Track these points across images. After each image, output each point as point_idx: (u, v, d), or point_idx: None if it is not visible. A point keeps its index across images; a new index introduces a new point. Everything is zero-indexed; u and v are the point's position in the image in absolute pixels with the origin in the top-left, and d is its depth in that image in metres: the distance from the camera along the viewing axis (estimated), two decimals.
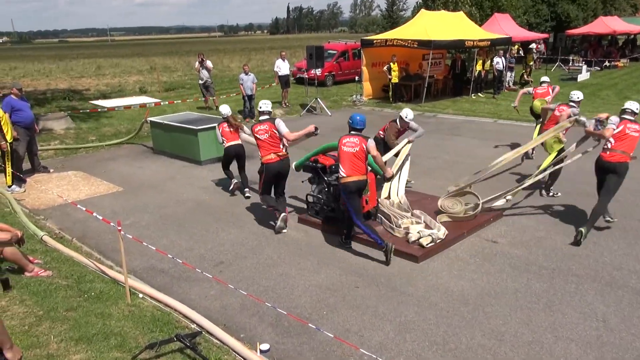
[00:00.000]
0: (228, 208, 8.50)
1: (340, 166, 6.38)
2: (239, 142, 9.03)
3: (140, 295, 5.52)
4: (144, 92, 21.84)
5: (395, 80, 18.18)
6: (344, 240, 6.86)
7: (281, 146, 7.30)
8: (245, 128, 9.13)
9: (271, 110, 7.63)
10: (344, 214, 7.09)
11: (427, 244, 6.54)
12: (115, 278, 5.90)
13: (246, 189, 9.01)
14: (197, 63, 16.69)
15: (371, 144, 6.33)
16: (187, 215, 8.22)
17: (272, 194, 7.51)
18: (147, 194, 9.30)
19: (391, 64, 17.87)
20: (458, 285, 5.81)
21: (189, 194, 9.25)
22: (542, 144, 8.29)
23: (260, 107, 7.58)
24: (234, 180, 9.11)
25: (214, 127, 11.06)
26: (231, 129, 9.00)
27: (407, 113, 8.64)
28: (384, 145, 8.75)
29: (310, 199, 7.81)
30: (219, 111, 9.42)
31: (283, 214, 7.36)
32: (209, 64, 16.65)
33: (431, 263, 6.37)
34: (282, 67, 17.42)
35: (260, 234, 7.43)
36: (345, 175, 6.32)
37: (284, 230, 7.38)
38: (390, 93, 18.52)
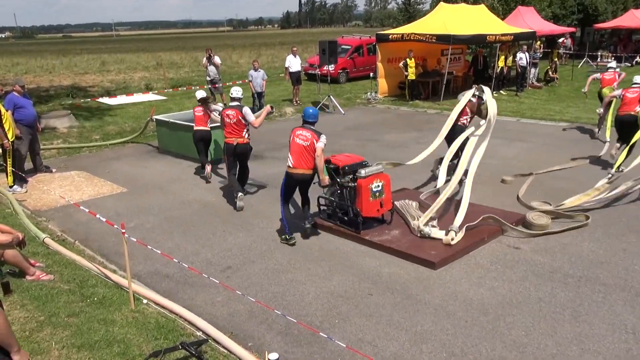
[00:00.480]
0: (236, 211, 8.53)
1: (290, 155, 7.03)
2: (207, 128, 10.18)
3: (145, 301, 5.56)
4: (150, 89, 22.02)
5: (412, 77, 18.13)
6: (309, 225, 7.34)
7: (244, 133, 8.50)
8: (215, 115, 10.16)
9: (241, 97, 8.74)
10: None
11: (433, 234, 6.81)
12: (118, 283, 5.95)
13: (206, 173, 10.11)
14: (204, 59, 16.80)
15: (320, 145, 6.91)
16: (193, 218, 8.27)
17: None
18: (152, 195, 9.38)
19: (408, 59, 17.81)
20: (478, 294, 5.77)
21: (195, 196, 9.31)
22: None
23: (232, 94, 8.69)
24: (208, 166, 10.02)
25: (218, 127, 11.13)
26: (203, 114, 10.11)
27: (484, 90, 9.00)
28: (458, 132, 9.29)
29: (322, 201, 7.82)
30: (196, 95, 10.52)
31: (240, 194, 8.35)
32: (217, 59, 16.74)
33: (449, 270, 6.34)
34: (293, 63, 17.46)
35: (270, 237, 7.45)
36: (291, 166, 7.00)
37: (241, 206, 8.38)
38: (407, 90, 18.47)
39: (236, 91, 8.71)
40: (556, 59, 23.32)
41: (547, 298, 5.66)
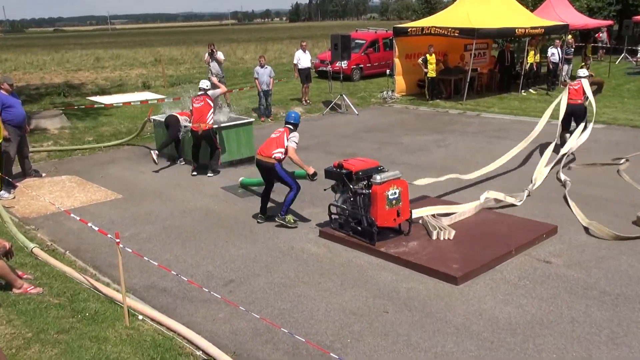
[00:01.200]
0: (240, 219, 8.56)
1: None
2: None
3: (140, 317, 5.58)
4: (148, 87, 22.19)
5: (432, 74, 18.10)
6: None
7: (208, 118, 10.52)
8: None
9: (208, 88, 10.86)
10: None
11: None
12: (112, 297, 5.98)
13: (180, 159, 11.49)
14: (206, 54, 16.89)
15: (291, 144, 7.84)
16: (193, 227, 8.31)
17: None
18: (149, 203, 9.43)
19: (427, 55, 17.79)
20: (504, 312, 5.73)
21: (196, 203, 9.35)
22: None
23: (200, 85, 10.93)
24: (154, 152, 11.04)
25: (225, 127, 11.19)
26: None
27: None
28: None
29: (334, 209, 7.82)
30: (199, 86, 11.19)
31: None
32: (220, 55, 16.83)
33: (473, 285, 6.30)
34: (303, 60, 17.50)
35: (276, 249, 7.46)
36: (257, 152, 8.24)
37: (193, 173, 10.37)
38: (427, 89, 18.44)
39: (203, 83, 10.99)
40: (590, 55, 23.17)
41: (582, 318, 5.61)
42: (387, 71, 19.91)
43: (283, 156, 7.94)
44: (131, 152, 13.06)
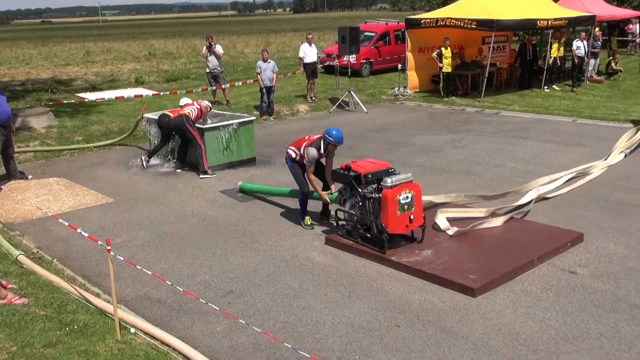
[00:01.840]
0: (240, 225, 8.58)
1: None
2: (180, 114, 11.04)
3: (132, 330, 5.59)
4: (141, 83, 22.28)
5: (447, 69, 18.10)
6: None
7: (186, 109, 11.06)
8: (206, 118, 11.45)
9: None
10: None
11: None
12: (102, 308, 5.99)
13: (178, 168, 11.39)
14: (204, 48, 16.94)
15: (308, 150, 7.84)
16: (190, 234, 8.32)
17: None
18: (142, 207, 9.46)
19: (442, 49, 17.78)
20: (525, 327, 5.71)
21: (193, 208, 9.37)
22: None
23: (181, 103, 11.66)
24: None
25: (224, 126, 11.21)
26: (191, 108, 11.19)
27: None
28: None
29: (341, 215, 7.81)
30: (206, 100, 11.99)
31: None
32: (218, 49, 16.87)
33: (491, 297, 6.28)
34: (309, 53, 17.52)
35: (279, 257, 7.47)
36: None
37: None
38: (442, 85, 18.43)
39: (184, 101, 11.71)
40: (615, 48, 23.04)
41: (610, 333, 5.58)
42: (399, 66, 19.91)
43: (296, 157, 8.15)
44: (123, 153, 13.10)
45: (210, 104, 11.82)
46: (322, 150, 7.94)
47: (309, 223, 8.23)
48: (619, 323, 5.74)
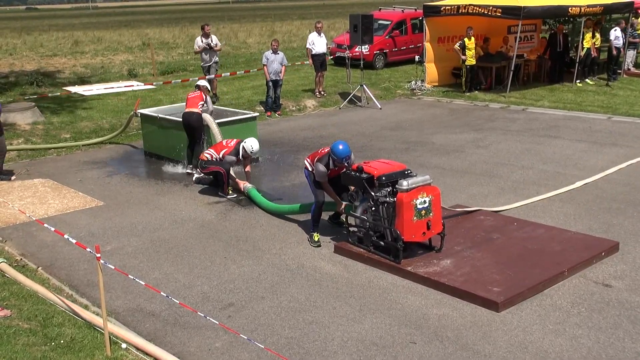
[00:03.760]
0: (241, 232, 8.60)
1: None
2: (196, 110, 11.09)
3: (124, 346, 5.62)
4: (134, 75, 22.38)
5: (471, 62, 17.97)
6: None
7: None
8: (209, 102, 11.55)
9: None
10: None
11: None
12: (91, 322, 6.02)
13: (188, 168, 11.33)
14: (199, 38, 16.78)
15: (318, 171, 7.85)
16: (187, 241, 8.35)
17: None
18: (135, 211, 9.50)
19: (466, 39, 17.65)
20: (555, 345, 5.70)
21: (190, 213, 9.40)
22: None
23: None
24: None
25: (224, 124, 11.24)
26: (197, 95, 11.33)
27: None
28: None
29: (352, 220, 7.81)
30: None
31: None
32: (214, 40, 16.76)
33: (517, 312, 6.27)
34: (318, 44, 17.48)
35: (283, 266, 7.48)
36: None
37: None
38: (464, 79, 18.38)
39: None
40: None
41: None
42: (416, 57, 19.87)
43: (312, 170, 8.08)
44: (114, 151, 13.16)
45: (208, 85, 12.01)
46: (330, 166, 7.86)
47: (316, 239, 8.08)
48: None
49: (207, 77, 16.74)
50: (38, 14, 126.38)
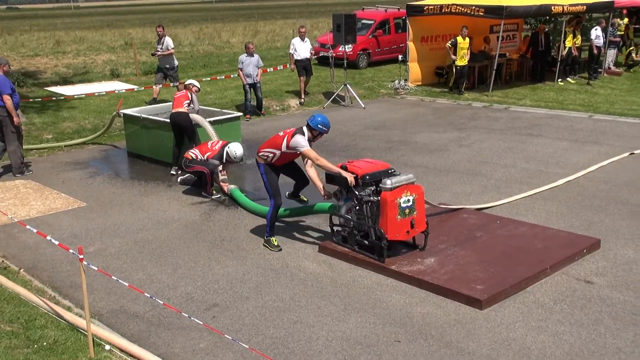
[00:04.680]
0: (225, 232, 8.58)
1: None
2: (182, 110, 10.99)
3: (107, 347, 5.59)
4: (117, 75, 22.25)
5: (462, 62, 17.73)
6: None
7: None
8: (195, 101, 11.44)
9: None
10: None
11: None
12: (74, 323, 5.98)
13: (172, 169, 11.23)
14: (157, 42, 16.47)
15: (302, 149, 7.55)
16: (170, 241, 8.32)
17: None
18: (118, 212, 9.46)
19: (459, 38, 17.49)
20: (537, 341, 5.74)
21: (173, 213, 9.37)
22: None
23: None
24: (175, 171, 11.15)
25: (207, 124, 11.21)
26: (183, 94, 11.25)
27: None
28: None
29: (336, 220, 7.82)
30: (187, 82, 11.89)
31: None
32: (168, 42, 16.38)
33: (500, 310, 6.31)
34: (301, 49, 17.08)
35: (268, 267, 7.47)
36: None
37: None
38: (453, 78, 18.11)
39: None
40: (632, 37, 23.05)
41: (629, 348, 5.61)
42: (400, 57, 19.94)
43: (273, 157, 7.76)
44: (97, 152, 13.09)
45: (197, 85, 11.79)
46: (308, 138, 7.66)
47: (276, 244, 7.90)
48: (639, 337, 5.77)
49: (171, 84, 16.49)
50: (19, 13, 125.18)
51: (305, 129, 7.71)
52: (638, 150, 11.76)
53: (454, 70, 18.16)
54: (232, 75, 18.45)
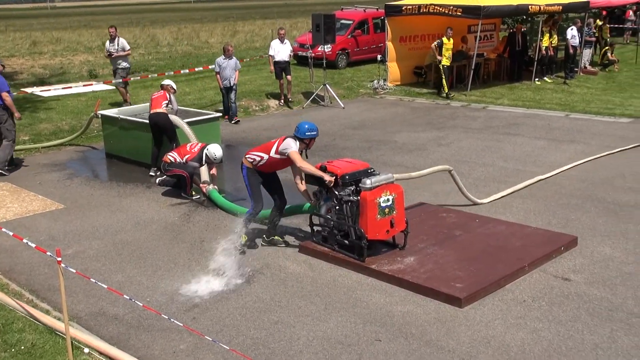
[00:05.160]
0: (205, 233, 8.55)
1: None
2: (161, 110, 10.94)
3: (86, 350, 5.55)
4: (94, 76, 22.06)
5: (446, 62, 17.63)
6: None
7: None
8: (174, 101, 11.34)
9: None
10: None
11: None
12: (52, 327, 5.94)
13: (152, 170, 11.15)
14: (108, 42, 16.05)
15: (288, 150, 7.36)
16: (150, 243, 8.28)
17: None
18: (96, 214, 9.38)
19: (444, 39, 17.41)
20: (516, 338, 5.79)
21: (153, 214, 9.31)
22: None
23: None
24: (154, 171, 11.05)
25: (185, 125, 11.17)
26: (161, 94, 11.21)
27: None
28: None
29: (316, 220, 7.83)
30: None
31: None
32: (123, 44, 16.04)
33: (480, 308, 6.35)
34: (280, 51, 16.74)
35: (248, 266, 7.45)
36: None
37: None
38: (443, 80, 17.76)
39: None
40: (606, 37, 23.36)
41: (606, 344, 5.68)
42: (378, 57, 20.00)
43: (260, 161, 7.61)
44: (75, 153, 12.97)
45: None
46: (298, 148, 7.53)
47: (244, 241, 7.79)
48: (615, 333, 5.85)
49: (113, 81, 16.27)
50: None
51: (294, 140, 7.47)
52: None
53: (442, 72, 17.70)
54: (208, 79, 18.31)
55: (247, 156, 7.76)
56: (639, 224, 8.40)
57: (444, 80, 17.83)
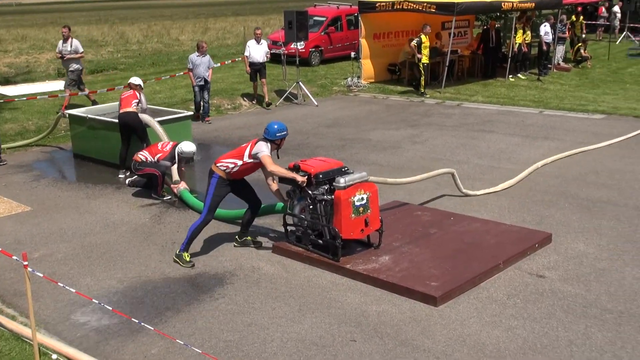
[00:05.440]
0: (177, 234, 8.49)
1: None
2: (132, 109, 10.85)
3: (54, 357, 5.47)
4: (62, 75, 21.77)
5: (426, 60, 17.54)
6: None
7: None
8: (143, 101, 11.28)
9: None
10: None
11: None
12: (19, 333, 5.86)
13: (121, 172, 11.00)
14: (60, 42, 15.69)
15: (259, 146, 7.37)
16: (119, 245, 8.20)
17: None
18: (64, 216, 9.27)
19: (422, 36, 17.37)
20: (492, 336, 5.84)
21: (122, 216, 9.23)
22: None
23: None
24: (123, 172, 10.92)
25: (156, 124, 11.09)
26: (130, 94, 11.11)
27: None
28: None
29: (289, 219, 7.82)
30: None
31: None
32: (77, 45, 15.73)
33: (455, 306, 6.40)
34: (255, 52, 16.51)
35: (221, 268, 7.43)
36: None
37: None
38: (422, 78, 17.70)
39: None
40: (579, 34, 23.68)
41: (580, 340, 5.76)
42: (352, 54, 20.05)
43: (233, 168, 7.48)
44: (41, 154, 12.81)
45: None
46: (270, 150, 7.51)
47: (188, 259, 7.51)
48: (590, 329, 5.93)
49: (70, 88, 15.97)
50: None
51: (266, 143, 7.44)
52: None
53: (422, 70, 17.62)
54: (177, 74, 18.19)
55: (218, 164, 7.54)
56: (612, 220, 8.54)
57: (422, 79, 17.76)
